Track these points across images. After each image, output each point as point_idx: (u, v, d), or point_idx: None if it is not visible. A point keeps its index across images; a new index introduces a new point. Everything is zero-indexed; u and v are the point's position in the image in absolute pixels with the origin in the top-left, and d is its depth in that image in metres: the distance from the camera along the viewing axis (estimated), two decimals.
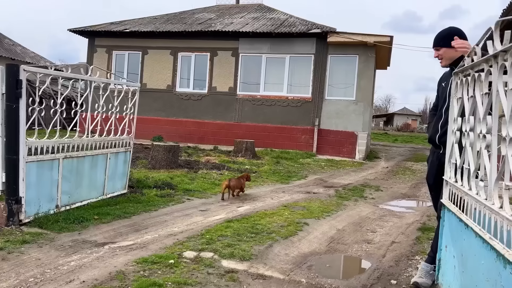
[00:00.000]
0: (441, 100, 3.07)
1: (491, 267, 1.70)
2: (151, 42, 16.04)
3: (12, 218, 3.78)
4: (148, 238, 3.87)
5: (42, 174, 4.05)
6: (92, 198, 4.85)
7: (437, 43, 3.01)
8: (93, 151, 4.80)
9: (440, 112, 3.04)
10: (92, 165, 4.81)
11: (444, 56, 2.96)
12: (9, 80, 3.70)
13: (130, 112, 5.35)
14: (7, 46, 18.98)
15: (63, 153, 4.31)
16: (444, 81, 3.11)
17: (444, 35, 2.98)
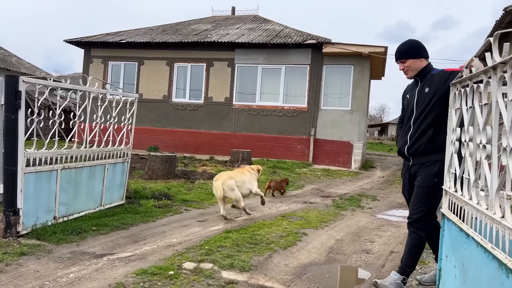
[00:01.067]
0: (408, 112, 3.10)
1: (493, 277, 1.71)
2: (147, 53, 16.10)
3: (9, 230, 3.75)
4: (147, 249, 3.85)
5: (40, 185, 4.03)
6: (90, 209, 4.82)
7: (403, 56, 3.05)
8: (91, 162, 4.79)
9: (408, 124, 3.06)
10: (90, 176, 4.79)
11: (411, 67, 3.02)
12: (8, 91, 3.70)
13: (128, 123, 5.36)
14: (2, 57, 18.94)
15: (61, 164, 4.30)
16: (408, 93, 3.16)
17: (409, 47, 3.05)
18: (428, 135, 2.92)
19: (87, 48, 16.85)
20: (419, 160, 2.98)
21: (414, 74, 3.03)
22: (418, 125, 2.97)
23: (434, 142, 2.91)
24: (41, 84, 3.97)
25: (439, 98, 2.87)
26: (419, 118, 2.97)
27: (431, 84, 2.94)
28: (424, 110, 2.94)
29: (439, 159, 2.86)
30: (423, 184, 2.94)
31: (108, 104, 4.96)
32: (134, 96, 5.44)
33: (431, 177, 2.91)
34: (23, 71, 18.69)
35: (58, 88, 4.18)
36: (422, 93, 2.98)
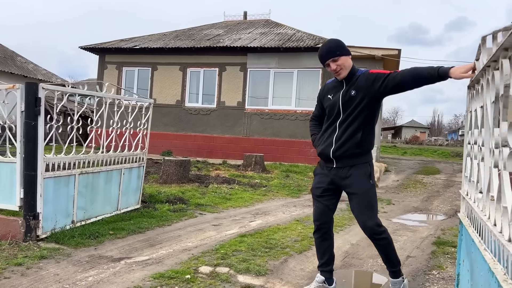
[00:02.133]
0: (332, 113, 2.93)
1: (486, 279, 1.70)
2: (161, 58, 16.28)
3: (29, 234, 3.83)
4: (163, 253, 3.89)
5: (59, 189, 4.11)
6: (106, 213, 4.88)
7: (334, 54, 2.81)
8: (108, 167, 4.84)
9: (333, 126, 2.92)
10: (107, 181, 4.86)
11: (344, 65, 2.82)
12: (28, 98, 3.79)
13: (143, 128, 5.42)
14: (20, 64, 19.36)
15: (79, 169, 4.37)
16: (330, 93, 2.96)
17: (337, 43, 2.87)
18: (356, 139, 2.83)
19: (101, 54, 17.11)
20: (346, 163, 2.88)
21: (346, 74, 2.84)
22: (345, 128, 2.86)
23: (362, 145, 2.85)
24: (60, 91, 4.06)
25: (367, 102, 2.80)
26: (346, 121, 2.85)
27: (357, 87, 2.82)
28: (352, 113, 2.83)
29: (367, 161, 2.88)
30: (362, 191, 2.85)
31: (124, 109, 5.03)
32: (149, 101, 5.50)
33: (367, 180, 2.86)
34: (39, 78, 19.07)
35: (75, 94, 4.26)
36: (348, 96, 2.84)
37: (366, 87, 2.79)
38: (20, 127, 3.85)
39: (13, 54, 20.02)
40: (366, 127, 2.85)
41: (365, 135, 2.85)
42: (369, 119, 2.85)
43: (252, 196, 7.57)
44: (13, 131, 3.94)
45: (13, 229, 3.84)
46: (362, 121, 2.83)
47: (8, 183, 3.95)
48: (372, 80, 2.78)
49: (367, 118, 2.84)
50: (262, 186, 8.91)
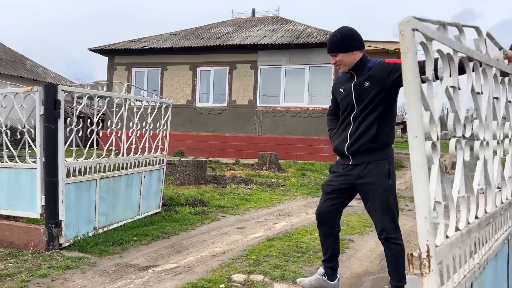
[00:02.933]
0: (346, 108, 2.80)
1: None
2: (170, 58, 16.12)
3: (52, 242, 3.67)
4: (191, 260, 3.71)
5: (80, 195, 3.94)
6: (128, 218, 4.72)
7: (333, 50, 2.74)
8: (129, 170, 4.68)
9: (347, 120, 2.78)
10: (128, 184, 4.70)
11: (343, 61, 2.71)
12: (48, 101, 3.62)
13: (163, 129, 5.25)
14: (29, 68, 19.34)
15: (100, 173, 4.21)
16: (341, 86, 2.85)
17: (339, 39, 2.73)
18: (371, 133, 2.67)
19: (110, 55, 16.99)
20: (362, 159, 2.72)
21: (349, 68, 2.73)
22: (360, 122, 2.71)
23: (377, 139, 2.68)
24: (79, 92, 3.89)
25: (383, 94, 2.64)
26: (361, 115, 2.71)
27: (371, 79, 2.66)
28: (368, 106, 2.68)
29: (385, 157, 2.70)
30: (381, 192, 2.65)
31: (144, 110, 4.87)
32: (169, 101, 5.33)
33: (385, 179, 2.66)
34: (49, 81, 19.03)
35: (95, 96, 4.09)
36: (361, 88, 2.70)
37: (381, 79, 2.62)
38: (39, 131, 3.69)
39: (22, 58, 20.00)
40: (381, 121, 2.68)
41: (380, 129, 2.67)
42: (385, 113, 2.69)
43: (271, 196, 7.37)
44: (32, 136, 3.78)
45: (35, 238, 3.68)
46: (377, 115, 2.67)
47: (29, 190, 3.79)
48: (388, 71, 2.60)
49: (383, 111, 2.67)
50: (279, 185, 8.71)
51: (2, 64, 17.70)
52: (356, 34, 2.72)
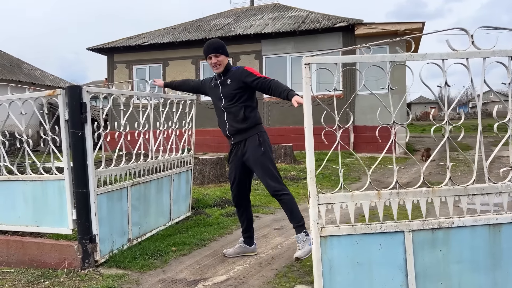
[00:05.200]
0: (217, 98, 3.56)
1: None
2: (171, 53, 15.69)
3: (87, 260, 3.34)
4: (240, 270, 3.39)
5: (113, 206, 3.60)
6: (160, 225, 4.39)
7: (218, 50, 3.46)
8: (158, 174, 4.33)
9: (220, 108, 3.52)
10: (158, 189, 4.35)
11: (223, 62, 3.49)
12: (73, 104, 3.26)
13: (188, 127, 4.90)
14: (27, 71, 18.83)
15: (131, 180, 3.87)
16: (212, 82, 3.62)
17: (222, 45, 3.53)
18: (241, 116, 3.41)
19: (110, 54, 16.54)
20: (240, 138, 3.48)
21: (222, 70, 3.47)
22: (229, 110, 3.46)
23: (246, 121, 3.43)
24: (105, 93, 3.53)
25: (240, 88, 3.42)
26: (229, 104, 3.46)
27: (232, 76, 3.46)
28: (233, 98, 3.44)
29: (256, 132, 3.45)
30: (257, 160, 3.40)
31: (169, 109, 4.52)
32: (193, 97, 4.97)
33: (258, 149, 3.41)
34: (48, 84, 18.57)
35: (121, 96, 3.73)
36: (225, 84, 3.48)
37: (239, 79, 3.42)
38: (65, 139, 3.34)
39: (19, 61, 19.48)
40: (245, 108, 3.45)
41: (247, 113, 3.44)
42: (246, 101, 3.47)
43: (297, 191, 7.05)
44: (57, 144, 3.43)
45: (68, 255, 3.35)
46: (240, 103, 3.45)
47: (57, 203, 3.45)
48: (245, 75, 3.40)
49: (244, 100, 3.46)
50: (301, 178, 8.39)
51: None
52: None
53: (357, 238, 2.28)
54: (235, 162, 3.56)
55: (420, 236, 2.32)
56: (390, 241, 2.30)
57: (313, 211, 2.24)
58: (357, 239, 2.28)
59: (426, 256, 2.32)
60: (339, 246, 2.26)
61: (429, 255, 2.32)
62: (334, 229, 2.27)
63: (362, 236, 2.28)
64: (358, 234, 2.29)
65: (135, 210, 3.94)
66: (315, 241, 2.23)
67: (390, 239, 2.30)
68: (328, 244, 2.25)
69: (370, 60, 2.32)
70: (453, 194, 2.42)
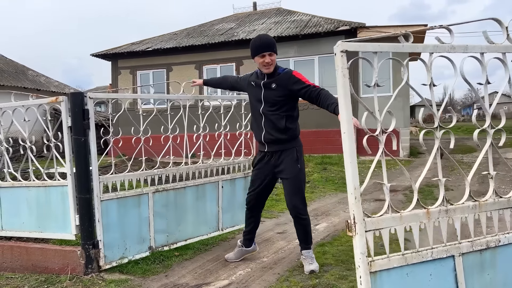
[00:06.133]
0: (255, 100, 3.29)
1: None
2: (175, 58, 15.77)
3: (91, 265, 3.35)
4: (242, 274, 3.39)
5: (126, 212, 3.53)
6: (202, 234, 4.16)
7: (273, 48, 3.15)
8: (196, 181, 4.11)
9: (257, 112, 3.27)
10: (198, 197, 4.13)
11: (274, 62, 3.18)
12: (75, 111, 3.30)
13: (245, 130, 4.71)
14: (32, 78, 19.00)
15: (153, 187, 3.76)
16: (253, 81, 3.32)
17: (274, 42, 3.21)
18: (281, 126, 3.17)
19: (113, 60, 16.64)
20: (276, 148, 3.26)
21: (272, 70, 3.18)
22: (269, 116, 3.20)
23: (286, 132, 3.20)
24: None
25: (285, 96, 3.15)
26: (269, 110, 3.19)
27: (279, 81, 3.15)
28: (275, 105, 3.17)
29: (294, 146, 3.24)
30: (291, 176, 3.21)
31: (213, 110, 4.52)
32: (244, 97, 4.78)
33: (294, 165, 3.21)
34: (52, 90, 18.70)
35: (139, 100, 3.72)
36: (269, 87, 3.19)
37: (286, 85, 3.13)
38: (68, 145, 3.37)
39: (24, 68, 19.67)
40: (288, 118, 3.22)
41: (288, 124, 3.20)
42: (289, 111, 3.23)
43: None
44: (60, 150, 3.46)
45: (71, 261, 3.37)
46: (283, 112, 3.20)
47: (61, 209, 3.47)
48: (293, 82, 3.11)
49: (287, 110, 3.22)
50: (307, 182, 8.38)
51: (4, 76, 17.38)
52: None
53: (407, 270, 1.86)
54: (264, 170, 3.36)
55: (469, 260, 1.99)
56: (440, 269, 1.93)
57: (360, 241, 1.75)
58: (408, 271, 1.86)
59: (476, 283, 1.98)
60: (389, 282, 1.81)
61: (478, 282, 1.99)
62: (384, 262, 1.81)
63: (413, 266, 1.87)
64: (409, 265, 1.87)
65: (161, 217, 3.81)
66: (364, 280, 1.73)
67: (440, 267, 1.94)
68: (378, 282, 1.77)
69: (412, 50, 1.92)
70: (498, 207, 2.11)
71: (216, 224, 4.29)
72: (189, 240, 4.04)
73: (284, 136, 3.20)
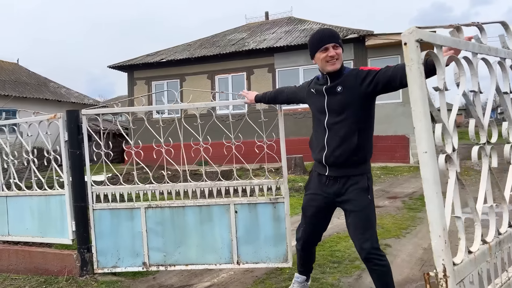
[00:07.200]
0: (319, 111, 2.56)
1: None
2: (188, 69, 16.24)
3: (85, 268, 3.66)
4: (225, 277, 3.63)
5: (119, 224, 3.67)
6: (209, 263, 3.54)
7: (337, 40, 2.47)
8: (198, 201, 3.58)
9: (322, 126, 2.53)
10: (203, 219, 3.55)
11: (340, 56, 2.48)
12: (71, 127, 3.63)
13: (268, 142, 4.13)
14: (53, 89, 19.87)
15: (146, 202, 3.60)
16: (313, 87, 2.63)
17: (336, 33, 2.53)
18: (351, 144, 2.43)
19: (130, 71, 17.26)
20: (341, 173, 2.50)
21: (339, 66, 2.48)
22: (335, 130, 2.46)
23: (358, 152, 2.45)
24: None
25: (355, 100, 2.42)
26: (336, 121, 2.46)
27: (344, 83, 2.45)
28: (341, 113, 2.44)
29: (364, 172, 2.50)
30: (360, 210, 2.47)
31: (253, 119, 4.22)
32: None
33: (365, 195, 2.47)
34: (72, 101, 19.50)
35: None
36: (333, 92, 2.48)
37: (354, 85, 2.42)
38: (65, 157, 3.70)
39: (46, 80, 20.59)
40: (360, 131, 2.46)
41: (360, 139, 2.44)
42: (361, 121, 2.47)
43: (299, 202, 7.21)
44: (58, 162, 3.79)
45: (69, 264, 3.69)
46: (353, 123, 2.44)
47: (59, 216, 3.81)
48: (362, 77, 2.41)
49: (359, 119, 2.46)
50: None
51: (27, 88, 18.24)
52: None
53: None
54: (320, 199, 2.61)
55: None
56: None
57: None
58: None
59: None
60: None
61: None
62: None
63: None
64: None
65: (155, 235, 3.57)
66: None
67: None
68: None
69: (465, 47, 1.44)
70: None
71: (229, 255, 3.51)
72: (191, 266, 3.57)
73: (355, 158, 2.45)
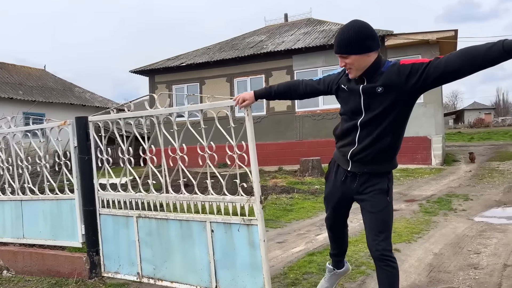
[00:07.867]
0: (351, 109, 2.39)
1: None
2: (207, 72, 16.41)
3: (94, 270, 3.76)
4: None
5: (119, 230, 3.72)
6: (191, 284, 3.22)
7: (343, 50, 2.25)
8: (178, 214, 3.26)
9: (353, 122, 2.39)
10: (184, 235, 3.25)
11: (354, 65, 2.25)
12: (79, 133, 3.75)
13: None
14: (78, 94, 20.49)
15: (137, 211, 3.52)
16: (345, 84, 2.41)
17: (352, 37, 2.22)
18: (383, 144, 2.34)
19: (151, 75, 17.59)
20: (364, 169, 2.42)
21: (361, 73, 2.28)
22: (370, 130, 2.34)
23: (388, 152, 2.39)
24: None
25: (398, 100, 2.25)
26: (372, 123, 2.33)
27: (385, 82, 2.24)
28: (380, 115, 2.30)
29: (387, 171, 2.44)
30: (377, 210, 2.41)
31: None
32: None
33: (383, 197, 2.41)
34: (96, 105, 20.04)
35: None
36: (372, 93, 2.28)
37: (398, 83, 2.22)
38: (75, 163, 3.82)
39: (71, 85, 21.25)
40: (395, 132, 2.35)
41: (393, 140, 2.36)
42: (398, 121, 2.34)
43: (314, 205, 7.20)
44: (69, 167, 3.92)
45: (78, 266, 3.80)
46: (389, 124, 2.32)
47: (70, 219, 3.93)
48: (406, 74, 2.20)
49: (396, 120, 2.33)
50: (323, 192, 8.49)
51: (53, 94, 18.86)
52: (372, 31, 2.27)
53: None
54: (339, 191, 2.57)
55: None
56: None
57: None
58: None
59: None
60: None
61: None
62: None
63: None
64: None
65: (146, 245, 3.49)
66: None
67: None
68: None
69: None
70: None
71: (208, 278, 3.13)
72: (175, 283, 3.32)
73: (383, 157, 2.39)
